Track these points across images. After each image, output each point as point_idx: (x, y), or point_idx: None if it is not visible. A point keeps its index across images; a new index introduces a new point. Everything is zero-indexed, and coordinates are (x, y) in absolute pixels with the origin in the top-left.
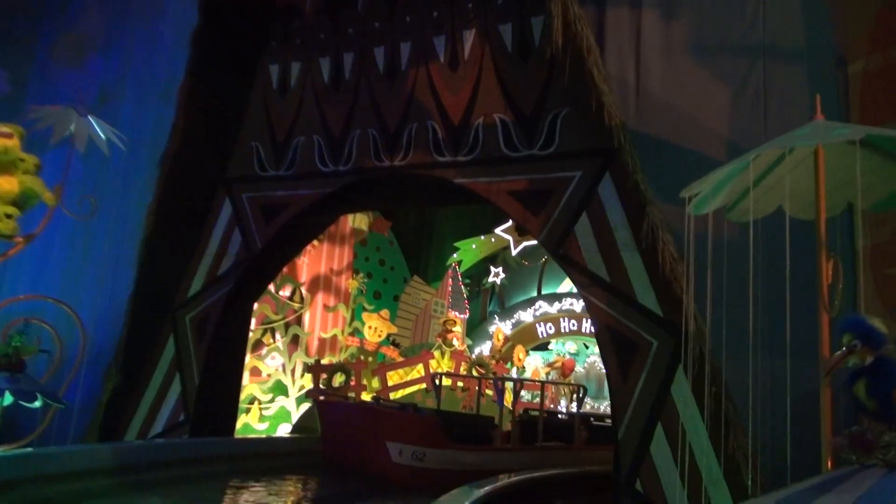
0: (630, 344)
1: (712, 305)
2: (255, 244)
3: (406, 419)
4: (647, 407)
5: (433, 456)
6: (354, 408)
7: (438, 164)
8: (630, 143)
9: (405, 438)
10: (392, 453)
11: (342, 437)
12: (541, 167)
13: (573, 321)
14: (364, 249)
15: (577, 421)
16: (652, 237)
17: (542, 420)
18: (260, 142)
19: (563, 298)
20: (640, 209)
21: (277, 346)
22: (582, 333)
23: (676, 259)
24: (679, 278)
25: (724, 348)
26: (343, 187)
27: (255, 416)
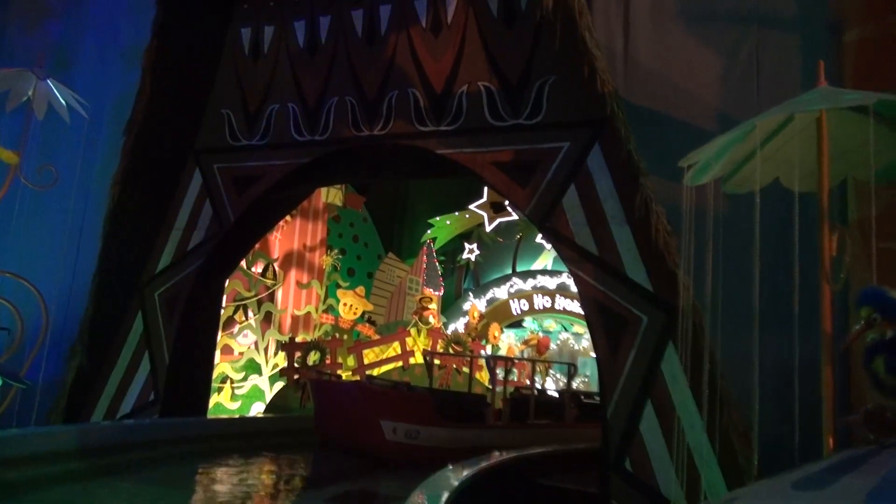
0: (619, 319)
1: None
2: (227, 217)
3: (400, 397)
4: (637, 384)
5: (426, 434)
6: (348, 386)
7: (420, 133)
8: (623, 112)
9: (399, 417)
10: (386, 431)
11: (335, 416)
12: (527, 137)
13: (546, 298)
14: (337, 226)
15: (567, 398)
16: (645, 209)
17: (533, 398)
18: (231, 110)
19: (537, 275)
20: (632, 181)
21: (250, 324)
22: (555, 310)
23: (670, 232)
24: (672, 252)
25: (719, 324)
26: (319, 158)
27: (227, 396)
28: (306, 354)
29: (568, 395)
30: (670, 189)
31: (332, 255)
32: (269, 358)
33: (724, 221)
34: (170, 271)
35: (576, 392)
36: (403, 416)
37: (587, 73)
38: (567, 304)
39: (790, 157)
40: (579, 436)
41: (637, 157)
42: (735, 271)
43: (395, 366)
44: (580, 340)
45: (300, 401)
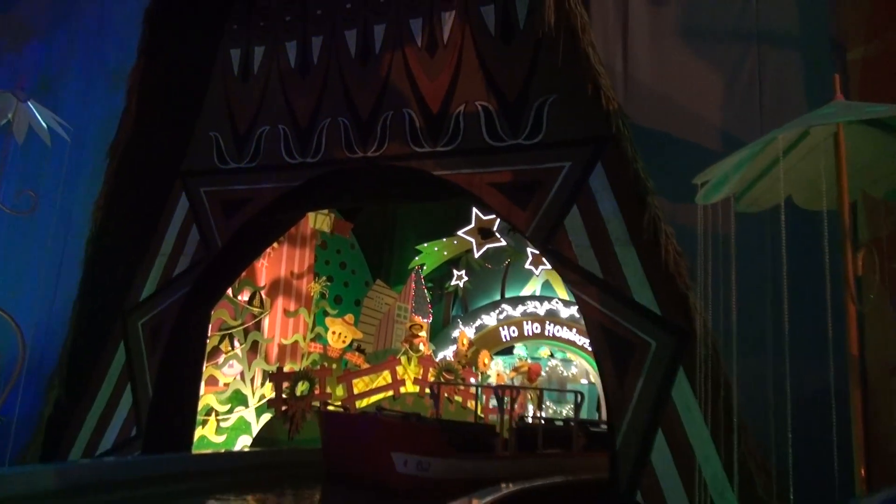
0: (626, 345)
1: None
2: (214, 242)
3: (411, 429)
4: (647, 412)
5: (437, 465)
6: (358, 418)
7: (416, 154)
8: (628, 130)
9: (410, 448)
10: (397, 463)
11: (344, 448)
12: (527, 157)
13: (536, 324)
14: (324, 252)
15: (575, 428)
16: (654, 230)
17: (541, 427)
18: (220, 131)
19: (526, 301)
20: (639, 200)
21: (236, 354)
22: (545, 336)
23: (680, 253)
24: (683, 273)
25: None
26: (311, 181)
27: (212, 429)
28: (295, 385)
29: (576, 424)
30: (675, 209)
31: (320, 282)
32: (256, 389)
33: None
34: (154, 299)
35: (583, 421)
36: (414, 447)
37: (591, 90)
38: (557, 331)
39: (803, 175)
40: (588, 465)
41: (644, 175)
42: (747, 293)
43: (385, 395)
44: (569, 367)
45: (288, 433)
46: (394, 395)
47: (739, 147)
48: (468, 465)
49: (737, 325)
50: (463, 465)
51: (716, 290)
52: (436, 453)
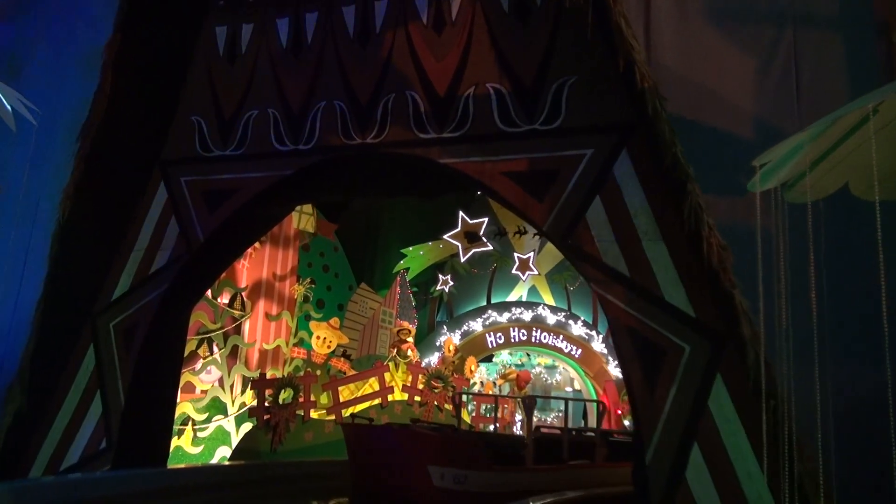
0: (657, 350)
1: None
2: (195, 237)
3: (447, 441)
4: (681, 424)
5: (474, 479)
6: (392, 431)
7: (420, 141)
8: (665, 110)
9: (447, 461)
10: (434, 477)
11: (376, 462)
12: (544, 144)
13: (523, 331)
14: (307, 255)
15: (598, 438)
16: (695, 221)
17: (567, 437)
18: (203, 116)
19: (512, 307)
20: (677, 188)
21: (215, 359)
22: (532, 343)
23: (724, 247)
24: (728, 270)
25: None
26: (303, 170)
27: (188, 439)
28: (278, 392)
29: (598, 433)
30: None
31: (304, 284)
32: (236, 396)
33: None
34: (128, 298)
35: (605, 431)
36: (452, 460)
37: (622, 66)
38: (543, 337)
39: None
40: (611, 476)
41: (684, 160)
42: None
43: (371, 403)
44: (554, 374)
45: (271, 444)
46: (381, 404)
47: (773, 136)
48: (504, 477)
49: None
50: (499, 478)
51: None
52: (472, 466)
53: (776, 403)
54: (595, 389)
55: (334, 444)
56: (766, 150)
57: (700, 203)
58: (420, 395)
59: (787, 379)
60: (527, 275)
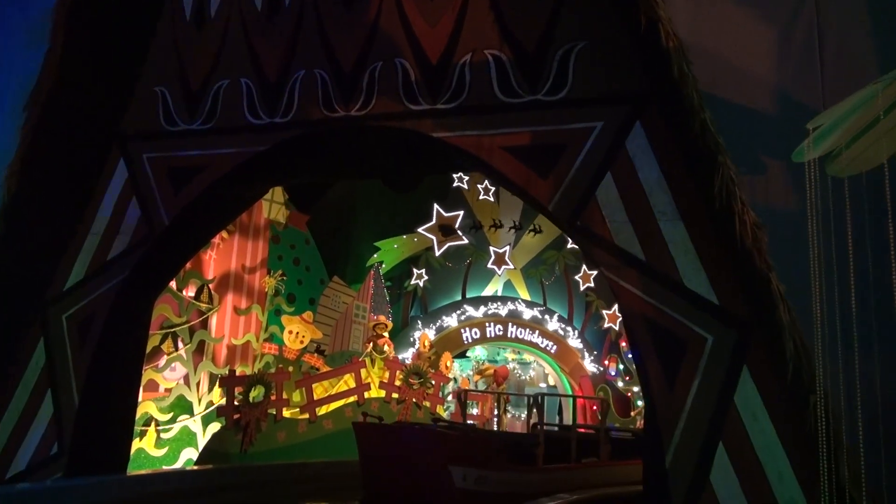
0: (676, 341)
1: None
2: (159, 219)
3: (470, 441)
4: (704, 423)
5: (495, 479)
6: (413, 431)
7: (411, 113)
8: (692, 74)
9: (469, 462)
10: (456, 478)
11: (392, 464)
12: (548, 116)
13: (499, 326)
14: (277, 247)
15: (602, 435)
16: (726, 196)
17: (575, 435)
18: (168, 86)
19: (488, 302)
20: (706, 160)
21: (180, 355)
22: (507, 338)
23: (759, 225)
24: (763, 250)
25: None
26: (280, 145)
27: (150, 441)
28: (248, 390)
29: (603, 430)
30: None
31: (275, 276)
32: (203, 395)
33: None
34: (83, 288)
35: (607, 427)
36: (473, 460)
37: (644, 24)
38: (519, 333)
39: None
40: (620, 474)
41: (714, 128)
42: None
43: (347, 401)
44: (527, 370)
45: (241, 445)
46: (358, 401)
47: (795, 110)
48: (523, 477)
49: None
50: (519, 478)
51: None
52: (493, 466)
53: (816, 399)
54: (571, 385)
55: (309, 444)
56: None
57: (732, 176)
58: (398, 392)
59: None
60: (502, 269)
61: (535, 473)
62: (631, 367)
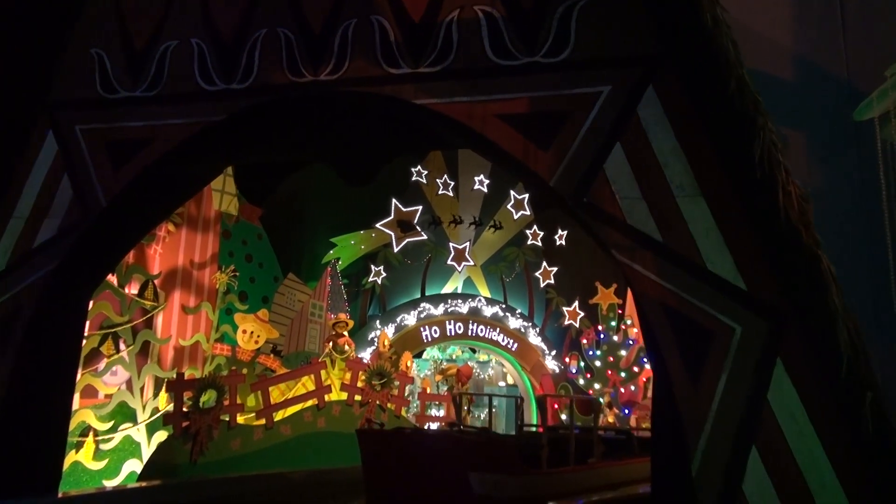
0: (700, 331)
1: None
2: (95, 200)
3: (491, 446)
4: (734, 424)
5: (514, 484)
6: (425, 437)
7: (389, 77)
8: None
9: (489, 467)
10: (474, 485)
11: (403, 472)
12: (549, 80)
13: (459, 324)
14: (227, 243)
15: (595, 436)
16: (768, 164)
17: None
18: (106, 48)
19: (448, 299)
20: (744, 123)
21: (122, 358)
22: (468, 336)
23: (806, 198)
24: (810, 226)
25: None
26: (238, 115)
27: (88, 453)
28: (199, 394)
29: (595, 431)
30: None
31: (227, 272)
32: (147, 401)
33: None
34: (5, 280)
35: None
36: (493, 466)
37: None
38: (480, 331)
39: None
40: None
41: (752, 85)
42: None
43: (306, 405)
44: (486, 369)
45: (190, 455)
46: (318, 405)
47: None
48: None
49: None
50: (534, 482)
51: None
52: (511, 471)
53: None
54: (532, 384)
55: (266, 452)
56: None
57: (775, 141)
58: (360, 395)
59: None
60: (462, 265)
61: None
62: (592, 365)
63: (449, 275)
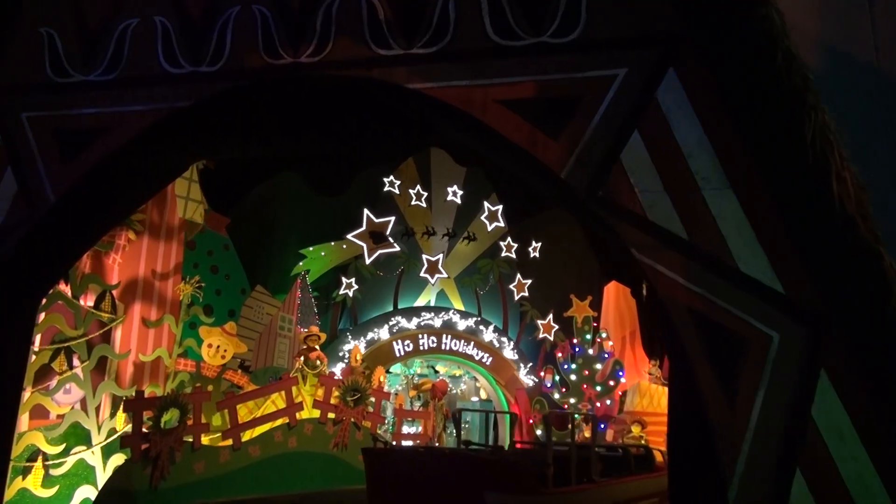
0: (732, 339)
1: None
2: (42, 197)
3: (507, 465)
4: (775, 445)
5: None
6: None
7: (379, 59)
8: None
9: (506, 487)
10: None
11: (414, 494)
12: (557, 63)
13: (433, 338)
14: (192, 254)
15: (593, 453)
16: (822, 147)
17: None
18: (56, 26)
19: (421, 313)
20: (791, 102)
21: (75, 375)
22: (442, 351)
23: (862, 186)
24: (869, 218)
25: None
26: (206, 101)
27: (37, 479)
28: (160, 414)
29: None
30: None
31: (192, 283)
32: (103, 421)
33: None
34: None
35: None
36: (509, 486)
37: None
38: (454, 345)
39: None
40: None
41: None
42: None
43: (276, 424)
44: (458, 383)
45: (150, 480)
46: (289, 424)
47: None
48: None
49: None
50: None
51: None
52: (529, 490)
53: None
54: (507, 398)
55: (233, 475)
56: None
57: (827, 122)
58: (334, 412)
59: None
60: (436, 278)
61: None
62: (567, 379)
63: (422, 287)
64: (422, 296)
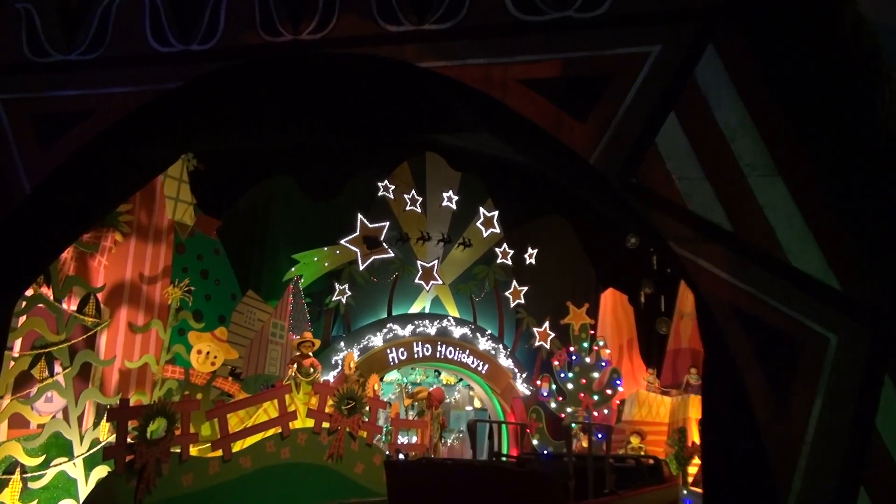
0: (785, 342)
1: None
2: (18, 186)
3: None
4: (837, 459)
5: None
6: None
7: (388, 35)
8: None
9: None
10: None
11: None
12: (584, 39)
13: (427, 345)
14: (182, 258)
15: (607, 464)
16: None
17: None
18: (35, 2)
19: (415, 320)
20: (864, 73)
21: (56, 382)
22: (437, 359)
23: None
24: None
25: None
26: (198, 81)
27: (14, 492)
28: (146, 423)
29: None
30: None
31: (181, 286)
32: (86, 431)
33: None
34: None
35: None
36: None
37: None
38: (449, 353)
39: None
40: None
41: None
42: None
43: (268, 434)
44: (452, 392)
45: (135, 494)
46: (282, 434)
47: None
48: None
49: None
50: None
51: None
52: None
53: None
54: (503, 408)
55: (223, 487)
56: None
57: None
58: (329, 421)
59: None
60: (430, 284)
61: None
62: (564, 387)
63: (416, 294)
64: (416, 302)
